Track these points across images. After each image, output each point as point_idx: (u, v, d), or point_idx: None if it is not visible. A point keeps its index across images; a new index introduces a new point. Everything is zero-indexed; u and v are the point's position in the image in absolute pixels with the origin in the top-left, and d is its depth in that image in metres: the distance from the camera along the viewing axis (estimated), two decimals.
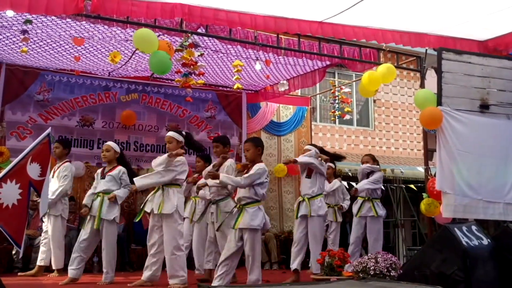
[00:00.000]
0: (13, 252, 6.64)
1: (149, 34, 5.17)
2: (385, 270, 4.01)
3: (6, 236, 3.95)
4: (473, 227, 4.26)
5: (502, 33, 6.11)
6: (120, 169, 5.79)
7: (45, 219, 6.24)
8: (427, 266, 4.02)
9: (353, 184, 8.57)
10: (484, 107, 5.40)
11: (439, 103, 5.30)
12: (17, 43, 6.48)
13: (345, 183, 8.55)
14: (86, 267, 6.05)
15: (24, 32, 5.82)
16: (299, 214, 5.85)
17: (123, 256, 7.26)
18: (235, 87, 6.89)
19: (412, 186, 10.20)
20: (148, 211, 5.16)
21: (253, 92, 9.33)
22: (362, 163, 6.92)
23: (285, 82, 7.78)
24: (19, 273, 6.30)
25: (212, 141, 5.35)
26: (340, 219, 7.37)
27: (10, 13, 4.98)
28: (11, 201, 3.98)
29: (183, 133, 5.53)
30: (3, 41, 6.48)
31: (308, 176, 5.89)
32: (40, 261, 6.26)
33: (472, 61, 5.47)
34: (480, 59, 5.54)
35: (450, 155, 5.19)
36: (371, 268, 4.04)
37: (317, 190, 5.85)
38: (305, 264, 6.12)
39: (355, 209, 6.80)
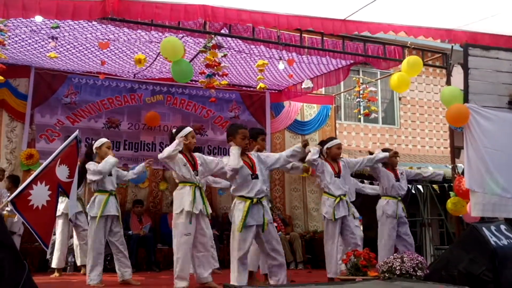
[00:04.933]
0: (49, 252, 6.71)
1: (175, 43, 5.21)
2: (412, 270, 3.98)
3: (35, 236, 4.05)
4: (502, 226, 4.18)
5: None
6: None
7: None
8: (455, 266, 3.96)
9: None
10: None
11: (465, 100, 5.21)
12: (45, 47, 6.63)
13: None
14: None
15: (52, 38, 5.96)
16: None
17: (149, 256, 7.36)
18: (258, 87, 6.90)
19: (435, 186, 10.00)
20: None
21: (276, 91, 9.33)
22: None
23: (309, 81, 7.75)
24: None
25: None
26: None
27: (39, 18, 5.09)
28: (40, 202, 4.08)
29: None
30: (32, 45, 6.64)
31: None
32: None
33: (499, 57, 5.36)
34: (508, 55, 5.42)
35: (478, 153, 5.09)
36: (397, 268, 4.01)
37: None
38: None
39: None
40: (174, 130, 5.16)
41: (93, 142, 5.78)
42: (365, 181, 8.52)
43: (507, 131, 5.19)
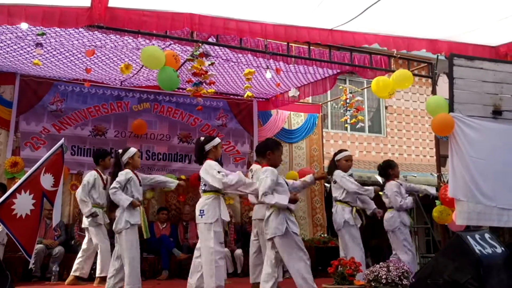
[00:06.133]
0: (32, 262, 6.58)
1: (155, 51, 5.22)
2: (397, 278, 3.99)
3: (18, 246, 4.00)
4: (486, 235, 4.22)
5: None
6: None
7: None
8: (440, 275, 3.98)
9: None
10: (497, 113, 5.34)
11: (451, 109, 5.26)
12: (31, 53, 6.57)
13: None
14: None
15: (38, 45, 5.91)
16: None
17: None
18: (245, 95, 6.91)
19: (420, 195, 10.09)
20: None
21: (264, 100, 9.35)
22: None
23: (295, 89, 7.78)
24: None
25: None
26: None
27: (24, 25, 5.05)
28: (24, 211, 4.03)
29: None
30: (18, 51, 6.58)
31: None
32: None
33: (484, 67, 5.42)
34: (492, 65, 5.48)
35: (463, 162, 5.13)
36: (383, 277, 4.01)
37: None
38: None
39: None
40: (202, 139, 5.09)
41: (118, 152, 5.58)
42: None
43: (491, 140, 5.24)
